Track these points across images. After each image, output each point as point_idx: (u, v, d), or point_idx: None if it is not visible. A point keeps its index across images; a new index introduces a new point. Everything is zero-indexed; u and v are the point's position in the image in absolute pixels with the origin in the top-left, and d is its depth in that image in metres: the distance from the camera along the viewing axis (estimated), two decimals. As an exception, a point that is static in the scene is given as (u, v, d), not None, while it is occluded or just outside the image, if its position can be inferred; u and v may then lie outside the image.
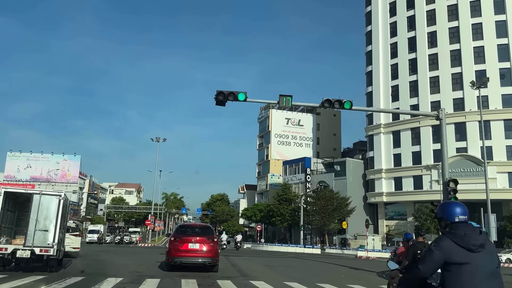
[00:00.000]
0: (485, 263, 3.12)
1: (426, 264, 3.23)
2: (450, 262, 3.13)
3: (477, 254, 3.12)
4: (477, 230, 3.27)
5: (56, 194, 13.37)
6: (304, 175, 66.74)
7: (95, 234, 49.74)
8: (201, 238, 14.13)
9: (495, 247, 3.41)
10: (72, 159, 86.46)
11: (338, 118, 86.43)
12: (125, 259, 19.70)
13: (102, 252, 24.73)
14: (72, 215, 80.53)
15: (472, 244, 3.13)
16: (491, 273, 3.12)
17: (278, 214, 61.89)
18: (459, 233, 3.21)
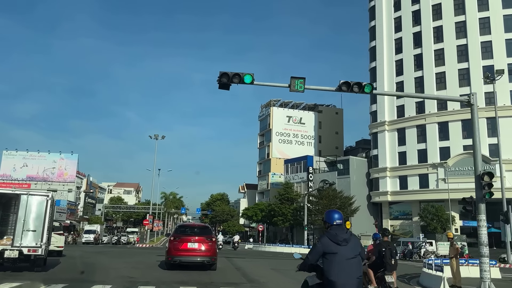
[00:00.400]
0: (347, 253, 4.54)
1: (313, 254, 4.70)
2: (326, 252, 4.59)
3: (343, 247, 4.55)
4: (345, 230, 4.74)
5: (44, 195, 13.64)
6: (306, 174, 65.13)
7: (92, 234, 48.17)
8: (199, 237, 14.56)
9: (358, 242, 4.79)
10: (69, 157, 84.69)
11: (340, 116, 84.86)
12: (119, 261, 18.07)
13: (96, 253, 23.10)
14: (69, 215, 78.96)
15: (340, 240, 4.58)
16: (351, 258, 4.53)
17: (280, 213, 60.28)
18: (333, 232, 4.67)
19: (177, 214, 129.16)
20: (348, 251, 4.52)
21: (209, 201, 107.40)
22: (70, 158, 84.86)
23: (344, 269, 4.43)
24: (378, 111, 61.17)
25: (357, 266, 4.55)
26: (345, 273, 4.42)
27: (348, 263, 4.45)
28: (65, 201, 77.38)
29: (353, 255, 4.52)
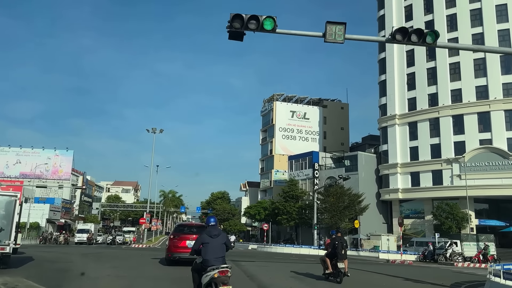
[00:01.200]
0: (217, 243, 7.46)
1: (196, 244, 7.68)
2: (203, 242, 7.50)
3: (214, 239, 7.48)
4: (217, 228, 7.82)
5: (12, 195, 14.33)
6: (311, 170, 62.04)
7: (85, 234, 45.20)
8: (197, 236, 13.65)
9: (224, 235, 7.80)
10: (64, 154, 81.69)
11: (346, 111, 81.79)
12: (104, 266, 15.00)
13: (80, 256, 20.04)
14: (64, 214, 75.94)
15: (212, 235, 7.53)
16: (219, 245, 7.43)
17: (284, 212, 57.25)
18: (208, 230, 7.67)
19: (176, 213, 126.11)
20: (217, 241, 7.54)
21: (209, 200, 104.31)
22: (65, 154, 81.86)
23: (213, 252, 7.41)
24: (388, 104, 58.15)
25: (222, 250, 7.54)
26: (214, 254, 7.39)
27: (216, 248, 7.46)
28: (60, 199, 74.47)
29: (220, 244, 7.55)
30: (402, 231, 56.44)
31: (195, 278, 7.63)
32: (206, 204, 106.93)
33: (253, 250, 42.00)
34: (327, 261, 13.56)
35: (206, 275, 7.07)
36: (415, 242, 47.25)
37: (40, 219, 65.32)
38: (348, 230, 55.31)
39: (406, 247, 47.72)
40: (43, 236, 44.65)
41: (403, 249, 47.15)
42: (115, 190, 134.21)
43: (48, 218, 67.91)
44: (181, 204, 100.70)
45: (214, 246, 7.41)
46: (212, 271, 7.02)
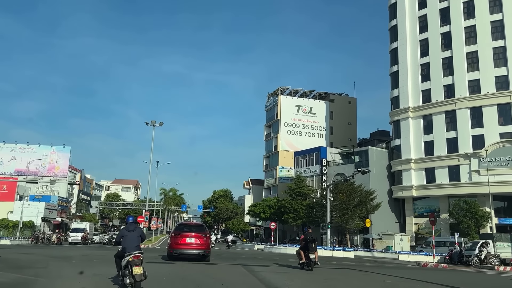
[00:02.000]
0: (133, 236, 9.51)
1: (117, 237, 9.89)
2: (123, 235, 9.69)
3: (131, 233, 9.59)
4: (133, 225, 9.94)
5: None
6: (319, 166, 59.18)
7: (79, 233, 42.46)
8: (196, 234, 17.49)
9: (140, 230, 9.92)
10: (61, 150, 78.78)
11: (354, 105, 78.86)
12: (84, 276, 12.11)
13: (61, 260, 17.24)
14: (60, 212, 73.15)
15: (130, 230, 9.65)
16: (134, 238, 9.52)
17: (291, 210, 54.39)
18: (127, 226, 9.90)
19: (177, 212, 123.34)
20: (133, 235, 9.59)
21: (211, 198, 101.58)
22: (62, 151, 78.98)
23: (130, 242, 9.39)
24: (400, 96, 55.19)
25: (137, 241, 9.58)
26: (131, 244, 9.35)
27: (132, 240, 9.46)
28: (56, 197, 71.65)
29: (136, 236, 9.60)
30: (416, 230, 53.81)
31: (117, 262, 9.75)
32: (208, 203, 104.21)
33: (260, 251, 39.08)
34: (301, 253, 16.28)
35: (124, 259, 9.17)
36: (431, 242, 44.36)
37: (35, 218, 62.56)
38: (359, 229, 52.48)
39: (422, 247, 44.87)
40: (35, 235, 41.88)
41: (419, 249, 44.39)
42: (115, 189, 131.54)
43: (44, 216, 65.11)
44: (182, 202, 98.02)
45: (131, 238, 9.46)
46: (128, 256, 9.06)
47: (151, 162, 44.69)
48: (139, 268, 8.82)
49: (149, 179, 45.31)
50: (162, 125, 46.64)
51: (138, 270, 8.78)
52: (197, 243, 17.18)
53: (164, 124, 44.18)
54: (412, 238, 52.69)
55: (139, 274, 8.77)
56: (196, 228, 18.46)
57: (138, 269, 8.80)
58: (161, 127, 45.41)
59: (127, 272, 8.93)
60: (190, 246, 17.11)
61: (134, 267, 8.79)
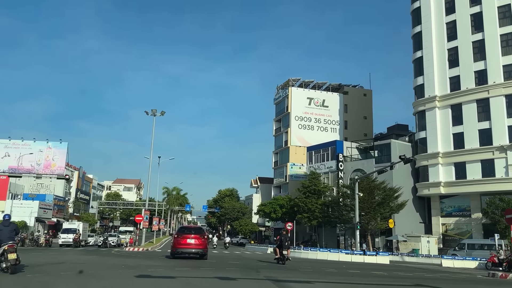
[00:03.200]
0: (6, 231, 11.96)
1: None
2: None
3: (6, 227, 12.01)
4: (8, 221, 12.39)
5: None
6: (335, 162, 54.54)
7: (71, 234, 38.03)
8: (195, 235, 20.61)
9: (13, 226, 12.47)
10: (58, 146, 74.65)
11: (369, 98, 74.15)
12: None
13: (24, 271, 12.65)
14: (56, 212, 68.89)
15: (5, 225, 12.12)
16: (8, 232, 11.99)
17: (305, 209, 49.77)
18: (2, 222, 12.34)
19: (181, 213, 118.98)
20: (7, 229, 11.86)
21: (216, 198, 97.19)
22: (59, 147, 74.86)
23: (5, 235, 11.59)
24: (425, 84, 50.51)
25: (11, 234, 11.89)
26: (5, 236, 11.58)
27: (6, 233, 11.72)
28: (51, 196, 67.50)
29: (10, 231, 11.91)
30: (444, 232, 49.05)
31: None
32: (213, 203, 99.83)
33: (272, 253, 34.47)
34: (277, 250, 20.64)
35: (0, 248, 11.48)
36: (467, 244, 39.68)
37: (28, 218, 58.50)
38: (380, 230, 47.81)
39: (456, 250, 40.17)
40: (21, 237, 37.48)
41: (451, 253, 39.71)
42: (117, 188, 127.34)
43: (38, 216, 60.92)
44: (186, 202, 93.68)
45: (5, 232, 11.82)
46: (3, 245, 11.43)
47: (151, 155, 40.34)
48: (13, 254, 11.24)
49: (149, 173, 40.96)
50: (164, 114, 42.25)
51: (12, 256, 11.22)
52: (196, 243, 20.02)
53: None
54: (440, 240, 48.02)
55: (13, 259, 11.23)
56: (195, 230, 21.80)
57: (12, 255, 11.24)
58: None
59: (3, 258, 11.39)
60: (190, 246, 19.88)
61: (9, 254, 11.24)
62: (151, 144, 41.29)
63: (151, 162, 41.97)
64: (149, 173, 41.75)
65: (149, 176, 41.87)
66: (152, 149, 41.19)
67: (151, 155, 39.95)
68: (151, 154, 40.92)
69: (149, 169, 40.59)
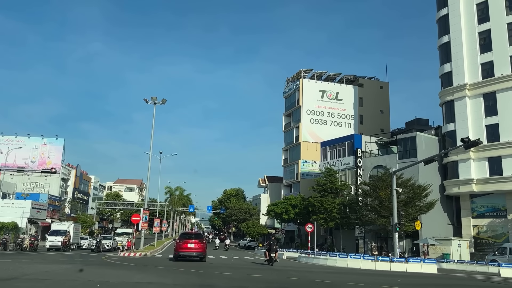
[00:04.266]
0: None
1: None
2: None
3: None
4: None
5: None
6: (353, 158, 50.07)
7: (59, 236, 33.75)
8: (195, 240, 23.34)
9: None
10: (54, 143, 70.64)
11: (386, 91, 69.65)
12: None
13: None
14: (51, 213, 64.77)
15: None
16: None
17: (321, 210, 45.28)
18: None
19: (184, 214, 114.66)
20: None
21: (221, 198, 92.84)
22: (55, 143, 70.82)
23: None
24: (453, 72, 46.02)
25: None
26: None
27: None
28: (46, 195, 63.39)
29: None
30: (475, 234, 44.48)
31: None
32: (218, 203, 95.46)
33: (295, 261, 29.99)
34: (266, 253, 24.41)
35: None
36: (509, 249, 35.07)
37: (20, 219, 54.34)
38: (405, 233, 43.23)
39: (495, 255, 35.56)
40: (3, 240, 33.30)
41: (490, 258, 35.13)
42: (118, 189, 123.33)
43: (30, 217, 56.74)
44: (189, 203, 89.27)
45: None
46: None
47: (151, 148, 36.05)
48: None
49: (149, 167, 36.74)
50: (165, 103, 37.97)
51: None
52: (196, 247, 22.41)
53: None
54: (471, 243, 43.42)
55: None
56: (195, 236, 24.65)
57: None
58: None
59: None
60: (191, 249, 22.26)
61: None
62: (151, 135, 37.03)
63: (151, 158, 37.69)
64: (148, 167, 37.52)
65: (148, 171, 37.62)
66: (152, 140, 36.91)
67: (151, 147, 35.71)
68: (151, 146, 36.67)
69: (149, 162, 36.44)
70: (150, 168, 37.98)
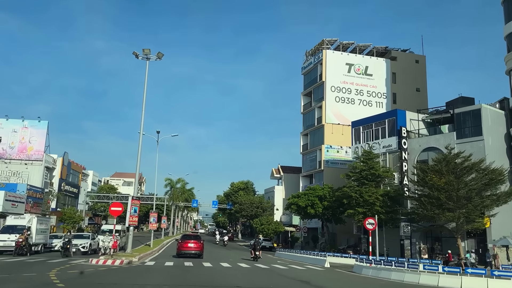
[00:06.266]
0: None
1: None
2: None
3: None
4: None
5: None
6: (395, 139, 40.88)
7: (13, 234, 24.69)
8: (194, 241, 28.33)
9: None
10: (36, 126, 61.66)
11: (423, 65, 60.31)
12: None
13: None
14: (32, 206, 55.80)
15: None
16: None
17: (360, 202, 36.00)
18: None
19: (187, 210, 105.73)
20: None
21: (228, 192, 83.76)
22: (37, 126, 61.87)
23: None
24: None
25: None
26: None
27: None
28: (25, 186, 54.13)
29: None
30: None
31: None
32: (224, 198, 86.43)
33: (360, 275, 20.75)
34: (252, 251, 29.61)
35: None
36: None
37: (-12, 213, 45.26)
38: (466, 232, 34.05)
39: None
40: None
41: None
42: (115, 183, 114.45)
43: (3, 211, 47.59)
44: (192, 197, 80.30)
45: None
46: None
47: (143, 109, 26.99)
48: None
49: (139, 147, 27.83)
50: (161, 58, 28.86)
51: None
52: (195, 246, 27.59)
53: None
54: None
55: None
56: (194, 237, 30.40)
57: None
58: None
59: None
60: (190, 248, 27.41)
61: None
62: (143, 97, 28.00)
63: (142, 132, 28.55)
64: (138, 146, 28.55)
65: (138, 151, 28.67)
66: (144, 103, 27.89)
67: (143, 114, 26.69)
68: (142, 114, 27.64)
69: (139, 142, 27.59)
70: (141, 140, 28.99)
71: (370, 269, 21.14)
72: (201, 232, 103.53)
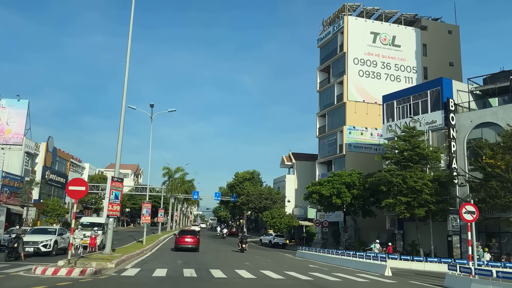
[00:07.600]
0: None
1: None
2: None
3: None
4: None
5: None
6: (441, 113, 33.89)
7: None
8: (191, 236, 30.41)
9: None
10: (15, 105, 54.63)
11: (456, 36, 53.13)
12: None
13: None
14: (8, 197, 48.93)
15: None
16: None
17: (403, 190, 28.89)
18: None
19: (187, 203, 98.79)
20: None
21: (232, 183, 76.70)
22: (16, 106, 54.95)
23: None
24: None
25: None
26: None
27: None
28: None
29: None
30: None
31: None
32: (227, 190, 79.49)
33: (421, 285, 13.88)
34: (239, 244, 33.18)
35: None
36: None
37: (-46, 203, 38.39)
38: None
39: None
40: None
41: None
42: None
43: (-28, 201, 40.77)
44: (193, 189, 73.45)
45: None
46: None
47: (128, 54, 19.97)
48: None
49: (123, 106, 20.72)
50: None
51: None
52: (192, 241, 29.70)
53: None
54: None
55: None
56: (191, 232, 32.39)
57: None
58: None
59: None
60: (187, 243, 29.48)
61: None
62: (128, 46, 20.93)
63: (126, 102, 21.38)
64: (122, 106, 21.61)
65: (122, 110, 21.76)
66: (128, 56, 20.79)
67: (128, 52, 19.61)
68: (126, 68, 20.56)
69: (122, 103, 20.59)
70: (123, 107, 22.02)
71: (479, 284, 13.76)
72: (202, 227, 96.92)
